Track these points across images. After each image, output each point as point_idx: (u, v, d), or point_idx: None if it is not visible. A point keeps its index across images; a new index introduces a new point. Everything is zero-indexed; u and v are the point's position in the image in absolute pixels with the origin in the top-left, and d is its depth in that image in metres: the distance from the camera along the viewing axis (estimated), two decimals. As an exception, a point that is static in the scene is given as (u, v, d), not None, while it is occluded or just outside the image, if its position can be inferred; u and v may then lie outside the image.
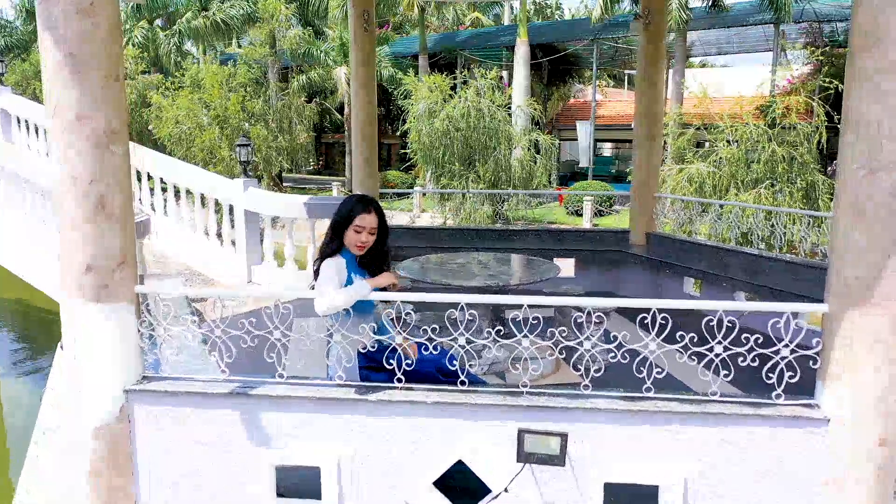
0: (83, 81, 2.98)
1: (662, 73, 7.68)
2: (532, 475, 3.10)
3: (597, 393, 3.10)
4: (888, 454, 2.87)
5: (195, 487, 3.35)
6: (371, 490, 3.22)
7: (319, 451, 3.23)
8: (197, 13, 26.79)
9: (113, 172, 3.08)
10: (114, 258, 3.14)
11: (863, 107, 2.69)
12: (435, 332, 3.18)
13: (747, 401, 3.04)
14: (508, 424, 3.07)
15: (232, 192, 8.61)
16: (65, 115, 3.00)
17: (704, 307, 3.02)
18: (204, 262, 8.97)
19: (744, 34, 24.99)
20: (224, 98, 21.45)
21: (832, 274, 2.88)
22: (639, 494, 3.10)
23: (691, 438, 3.03)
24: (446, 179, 17.80)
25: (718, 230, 8.18)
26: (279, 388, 3.26)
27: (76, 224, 3.06)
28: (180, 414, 3.32)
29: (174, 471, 3.35)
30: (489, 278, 5.17)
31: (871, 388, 2.81)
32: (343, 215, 3.61)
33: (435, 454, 3.18)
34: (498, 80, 20.30)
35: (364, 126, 7.93)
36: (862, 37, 2.69)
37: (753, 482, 3.02)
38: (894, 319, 2.73)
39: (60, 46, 2.94)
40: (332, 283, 3.42)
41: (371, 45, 7.99)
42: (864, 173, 2.69)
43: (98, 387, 3.23)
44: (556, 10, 44.33)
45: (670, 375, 3.15)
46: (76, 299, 3.14)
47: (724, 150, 13.12)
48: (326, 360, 3.46)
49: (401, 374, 3.19)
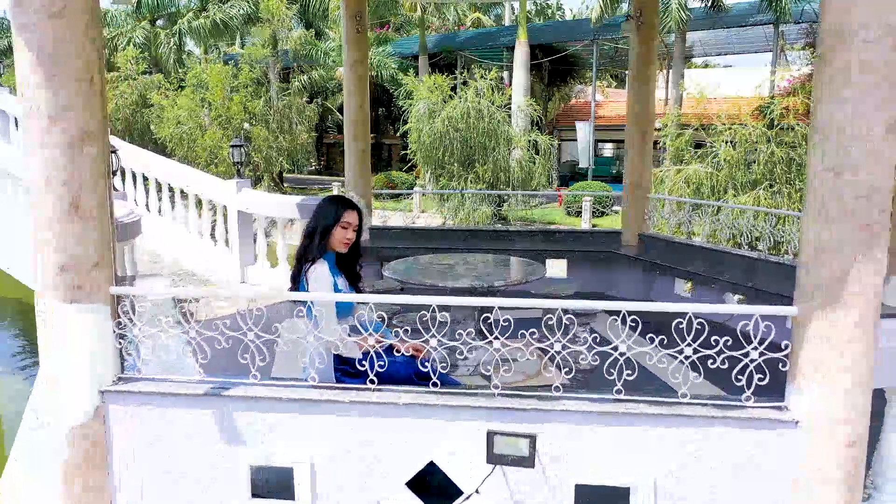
0: (56, 83, 3.00)
1: (655, 73, 7.67)
2: (504, 476, 3.11)
3: (567, 395, 3.10)
4: (856, 456, 2.87)
5: (171, 487, 3.36)
6: (344, 491, 3.23)
7: (293, 452, 3.24)
8: (198, 13, 26.86)
9: (87, 173, 3.10)
10: (88, 259, 3.16)
11: (829, 108, 2.69)
12: (407, 334, 3.19)
13: (717, 403, 3.05)
14: (480, 426, 3.08)
15: (225, 193, 8.64)
16: (39, 117, 3.02)
17: (674, 309, 3.02)
18: (198, 263, 9.00)
19: (744, 35, 24.96)
20: (226, 98, 21.53)
21: (801, 276, 2.89)
22: (610, 495, 3.11)
23: (661, 440, 3.03)
24: (445, 180, 17.84)
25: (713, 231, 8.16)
26: (253, 389, 3.27)
27: (50, 225, 3.09)
28: (156, 414, 3.33)
29: (150, 471, 3.36)
30: (475, 279, 5.18)
31: (838, 390, 2.81)
32: (331, 215, 3.68)
33: (407, 455, 3.19)
34: (498, 80, 20.31)
35: (357, 126, 7.94)
36: (828, 38, 2.69)
37: (723, 484, 3.02)
38: (861, 321, 2.73)
39: (34, 49, 2.96)
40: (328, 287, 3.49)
41: (364, 47, 8.00)
42: (830, 175, 2.69)
43: (73, 387, 3.25)
44: (557, 11, 44.29)
45: (656, 377, 3.15)
46: (50, 300, 3.16)
47: (723, 151, 13.11)
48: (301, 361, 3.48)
49: (373, 375, 3.21)
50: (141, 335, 3.35)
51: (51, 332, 3.21)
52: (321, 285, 3.50)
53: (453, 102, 17.72)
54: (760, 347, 2.95)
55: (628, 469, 3.06)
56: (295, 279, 3.64)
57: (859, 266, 2.70)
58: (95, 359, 3.26)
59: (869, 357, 2.80)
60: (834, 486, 2.89)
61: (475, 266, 5.73)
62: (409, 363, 3.47)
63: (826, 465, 2.89)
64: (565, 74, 31.84)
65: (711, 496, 3.03)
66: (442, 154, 17.67)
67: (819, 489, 2.91)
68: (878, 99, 2.61)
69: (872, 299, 2.74)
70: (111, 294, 3.29)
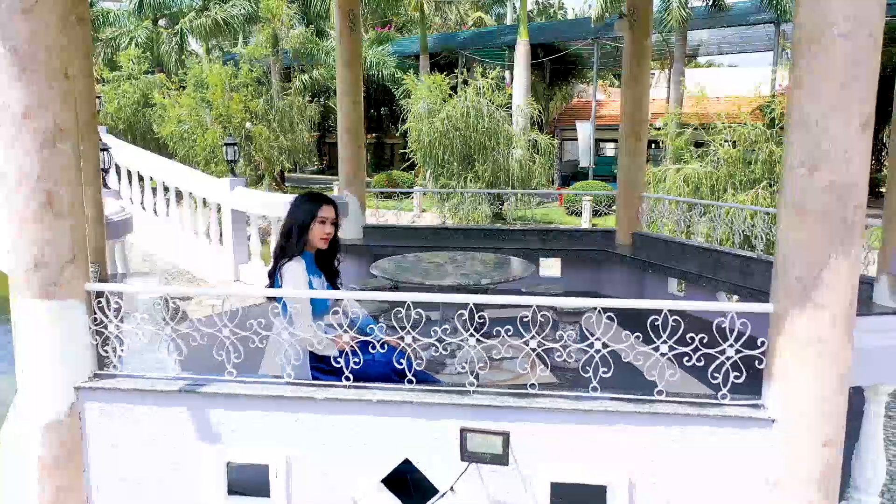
0: (29, 79, 2.98)
1: (648, 72, 7.62)
2: (479, 474, 3.09)
3: (542, 392, 3.08)
4: (832, 455, 2.84)
5: (146, 485, 3.35)
6: (318, 488, 3.22)
7: (268, 449, 3.23)
8: (199, 12, 26.89)
9: (60, 170, 3.09)
10: (63, 256, 3.15)
11: (803, 103, 2.67)
12: (382, 331, 3.18)
13: (693, 401, 3.03)
14: (454, 423, 3.06)
15: (219, 192, 8.64)
16: (11, 113, 3.01)
17: (650, 306, 2.99)
18: (191, 261, 9.00)
19: (746, 34, 24.88)
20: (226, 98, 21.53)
21: (776, 273, 2.86)
22: (585, 494, 3.08)
23: (637, 438, 3.01)
24: (445, 179, 17.81)
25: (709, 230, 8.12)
26: (228, 386, 3.26)
27: (23, 221, 3.08)
28: (131, 411, 3.33)
29: (125, 468, 3.35)
30: (461, 277, 5.15)
31: (814, 388, 2.78)
32: (307, 211, 3.67)
33: (382, 453, 3.18)
34: (499, 79, 20.27)
35: (350, 125, 7.92)
36: (802, 32, 2.67)
37: (699, 482, 3.00)
38: (835, 319, 2.70)
39: (6, 44, 2.95)
40: (303, 285, 3.48)
41: (357, 46, 7.98)
42: (803, 171, 2.66)
43: (48, 384, 3.24)
44: (559, 10, 44.24)
45: (643, 375, 3.12)
46: (24, 296, 3.15)
47: (722, 150, 13.05)
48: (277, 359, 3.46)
49: (348, 372, 3.19)
50: (117, 332, 3.35)
51: (25, 328, 3.20)
52: (295, 283, 3.49)
53: (453, 101, 17.70)
54: (736, 345, 2.92)
55: (604, 467, 3.04)
56: (271, 277, 3.63)
57: (833, 263, 2.66)
58: (70, 355, 3.25)
59: (845, 355, 2.77)
60: (810, 484, 2.86)
61: (463, 264, 5.70)
62: (388, 361, 3.46)
63: (802, 463, 2.86)
64: (567, 74, 31.78)
65: (688, 494, 3.01)
66: (441, 153, 17.65)
67: (795, 488, 2.88)
68: (852, 94, 2.58)
69: (847, 297, 2.70)
70: (87, 291, 3.28)
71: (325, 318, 3.52)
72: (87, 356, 3.32)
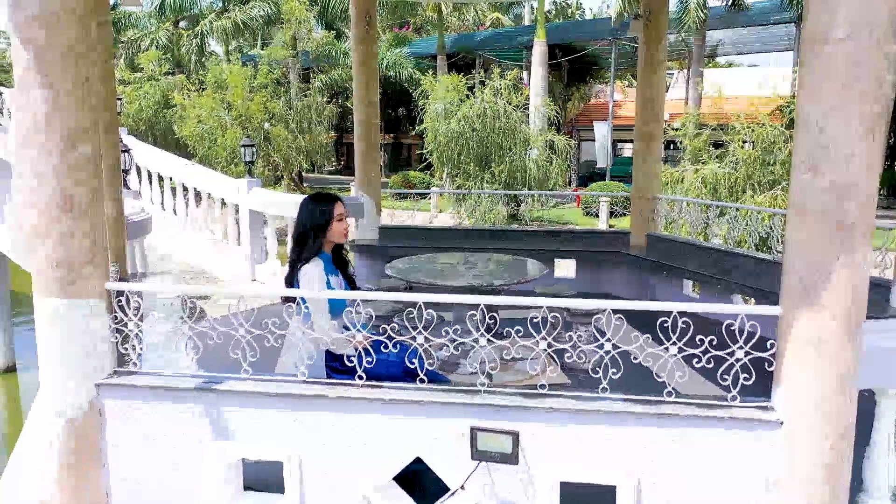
0: (51, 83, 3.07)
1: (663, 73, 7.61)
2: (489, 473, 3.12)
3: (551, 392, 3.11)
4: (839, 456, 2.84)
5: (164, 481, 3.42)
6: (331, 485, 3.27)
7: (282, 446, 3.29)
8: (219, 15, 27.17)
9: (80, 171, 3.17)
10: (82, 255, 3.23)
11: (808, 106, 2.68)
12: (394, 331, 3.22)
13: (702, 402, 3.04)
14: (465, 423, 3.09)
15: (236, 192, 8.74)
16: (32, 115, 3.09)
17: (657, 308, 3.01)
18: (208, 261, 9.11)
19: (767, 33, 24.68)
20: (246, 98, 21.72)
21: (785, 275, 2.87)
22: (594, 494, 3.11)
23: (646, 439, 3.03)
24: (461, 179, 17.84)
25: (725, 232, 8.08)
26: (243, 384, 3.32)
27: (43, 222, 3.16)
28: (150, 408, 3.40)
29: (144, 463, 3.42)
30: (474, 278, 5.19)
31: (820, 390, 2.79)
32: (323, 213, 3.73)
33: (394, 451, 3.22)
34: (517, 80, 20.27)
35: (366, 125, 7.97)
36: (808, 35, 2.68)
37: (709, 483, 3.01)
38: (841, 321, 2.71)
39: (28, 48, 3.03)
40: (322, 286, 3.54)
41: (372, 46, 8.03)
42: (808, 173, 2.67)
43: (68, 381, 3.32)
44: (577, 10, 44.11)
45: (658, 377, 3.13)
46: (46, 295, 3.23)
47: (740, 151, 12.98)
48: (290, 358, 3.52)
49: (361, 371, 3.24)
50: (136, 330, 3.42)
51: (46, 326, 3.28)
52: (313, 284, 3.55)
53: (470, 102, 17.73)
54: (746, 347, 2.93)
55: (613, 467, 3.06)
56: (289, 281, 3.69)
57: (837, 265, 2.67)
58: (90, 353, 3.33)
59: (846, 355, 2.76)
60: (818, 486, 2.86)
61: (476, 265, 5.74)
62: (400, 361, 3.50)
63: (810, 465, 2.87)
64: (584, 74, 31.68)
65: (696, 495, 3.02)
66: (458, 154, 17.68)
67: (803, 489, 2.88)
68: (855, 96, 2.58)
69: (853, 299, 2.70)
70: (106, 289, 3.36)
71: (341, 319, 3.56)
72: (107, 354, 3.40)
